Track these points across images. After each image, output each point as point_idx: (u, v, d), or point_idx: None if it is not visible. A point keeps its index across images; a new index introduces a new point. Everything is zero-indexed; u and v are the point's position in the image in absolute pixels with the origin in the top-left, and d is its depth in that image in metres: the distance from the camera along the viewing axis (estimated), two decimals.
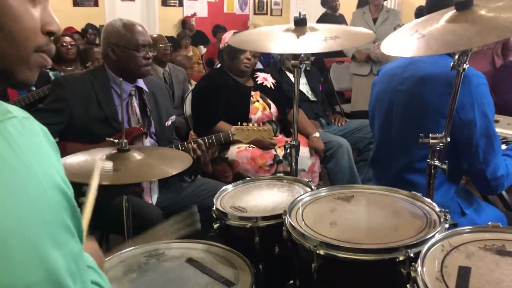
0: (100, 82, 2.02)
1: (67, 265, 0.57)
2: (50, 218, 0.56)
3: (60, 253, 0.56)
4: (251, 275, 1.24)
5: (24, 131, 0.57)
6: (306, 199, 1.43)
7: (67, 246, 0.58)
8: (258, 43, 1.84)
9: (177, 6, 8.75)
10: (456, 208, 1.65)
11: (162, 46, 3.74)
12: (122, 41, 1.99)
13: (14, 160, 0.55)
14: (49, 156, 0.60)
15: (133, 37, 1.99)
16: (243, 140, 2.20)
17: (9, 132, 0.55)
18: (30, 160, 0.56)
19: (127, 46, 1.99)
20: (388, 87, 1.75)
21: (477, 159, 1.55)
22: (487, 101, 1.54)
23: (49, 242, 0.55)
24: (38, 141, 0.59)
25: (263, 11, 10.06)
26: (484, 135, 1.53)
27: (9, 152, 0.54)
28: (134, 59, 1.99)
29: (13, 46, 0.65)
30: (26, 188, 0.55)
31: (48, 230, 0.56)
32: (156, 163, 1.52)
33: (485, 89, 1.55)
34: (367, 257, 1.11)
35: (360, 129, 3.24)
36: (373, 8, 4.48)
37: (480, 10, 1.28)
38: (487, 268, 0.96)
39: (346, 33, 1.85)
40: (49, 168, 0.58)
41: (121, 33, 2.00)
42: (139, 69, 2.01)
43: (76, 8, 7.45)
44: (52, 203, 0.57)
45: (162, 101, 2.18)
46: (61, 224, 0.58)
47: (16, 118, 0.57)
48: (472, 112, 1.51)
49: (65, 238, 0.58)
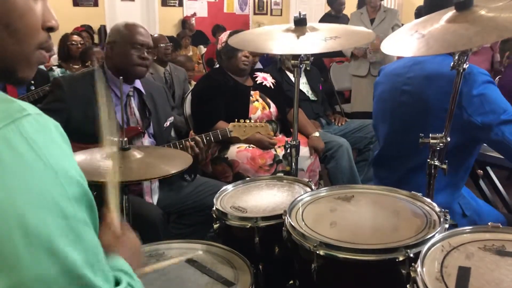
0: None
1: (86, 257, 0.58)
2: (70, 213, 0.58)
3: (79, 246, 0.58)
4: (250, 275, 1.24)
5: (40, 128, 0.58)
6: (306, 199, 1.43)
7: (85, 239, 0.59)
8: (258, 43, 1.84)
9: (177, 6, 8.74)
10: (457, 209, 1.65)
11: (163, 45, 3.74)
12: (120, 38, 2.02)
13: (32, 157, 0.56)
14: (64, 151, 0.61)
15: (130, 34, 2.02)
16: (241, 136, 2.20)
17: (25, 129, 0.56)
18: (47, 156, 0.57)
19: (123, 42, 2.01)
20: (392, 88, 1.75)
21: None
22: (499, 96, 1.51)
23: (67, 237, 0.57)
24: (52, 137, 0.60)
25: (263, 11, 10.05)
26: (502, 124, 1.47)
27: (27, 149, 0.56)
28: (128, 55, 2.00)
29: (19, 43, 0.65)
30: (45, 184, 0.56)
31: (68, 224, 0.57)
32: (156, 162, 1.52)
33: (492, 87, 1.53)
34: (367, 257, 1.11)
35: (360, 129, 3.24)
36: (370, 9, 4.48)
37: (480, 10, 1.28)
38: (487, 268, 0.96)
39: (346, 33, 1.85)
40: (65, 163, 0.59)
41: (120, 30, 2.04)
42: (133, 67, 2.01)
43: (76, 8, 7.45)
44: (70, 198, 0.58)
45: (160, 102, 2.19)
46: (80, 217, 0.59)
47: (31, 115, 0.58)
48: (486, 115, 1.48)
49: (84, 231, 0.59)
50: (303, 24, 1.77)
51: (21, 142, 0.55)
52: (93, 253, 0.60)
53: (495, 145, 1.53)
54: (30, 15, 0.66)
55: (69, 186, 0.58)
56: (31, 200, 0.54)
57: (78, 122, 1.91)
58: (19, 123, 0.56)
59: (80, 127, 1.91)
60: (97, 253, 0.61)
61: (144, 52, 2.02)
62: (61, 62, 3.92)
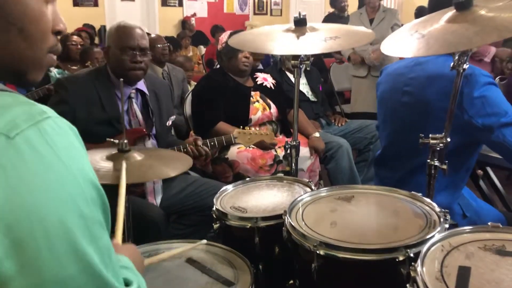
0: (102, 83, 2.02)
1: (101, 257, 0.59)
2: (87, 214, 0.59)
3: (95, 246, 0.59)
4: (250, 275, 1.25)
5: (59, 131, 0.60)
6: (306, 199, 1.43)
7: (101, 240, 0.61)
8: (258, 44, 1.84)
9: (177, 6, 8.74)
10: (458, 210, 1.65)
11: (160, 46, 3.74)
12: (112, 42, 2.01)
13: (53, 159, 0.57)
14: (81, 154, 0.62)
15: (120, 39, 1.99)
16: (245, 143, 2.20)
17: (47, 131, 0.58)
18: (67, 158, 0.58)
19: (115, 47, 2.00)
20: (394, 88, 1.74)
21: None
22: (500, 97, 1.50)
23: (86, 237, 0.58)
24: (71, 140, 0.61)
25: (263, 11, 10.06)
26: (503, 126, 1.47)
27: (49, 151, 0.57)
28: (119, 61, 1.97)
29: (31, 47, 0.66)
30: (66, 185, 0.57)
31: (86, 225, 0.58)
32: (156, 164, 1.52)
33: (494, 88, 1.52)
34: (367, 257, 1.11)
35: (360, 130, 3.24)
36: (370, 9, 4.48)
37: (480, 10, 1.28)
38: (487, 268, 0.96)
39: (346, 33, 1.85)
40: (83, 165, 0.61)
41: (112, 34, 2.02)
42: (124, 72, 1.97)
43: (76, 8, 7.45)
44: (88, 199, 0.60)
45: (164, 100, 2.18)
46: (96, 218, 0.61)
47: (51, 118, 0.60)
48: (488, 117, 1.48)
49: (99, 231, 0.61)
50: (303, 24, 1.77)
51: (43, 144, 0.57)
52: (107, 254, 0.62)
53: (495, 147, 1.53)
54: (43, 19, 0.66)
55: (87, 187, 0.60)
56: (52, 199, 0.56)
57: (82, 122, 1.91)
58: (41, 125, 0.57)
59: (84, 127, 1.91)
60: (110, 254, 0.63)
61: (136, 56, 1.97)
62: (59, 63, 3.91)
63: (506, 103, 1.51)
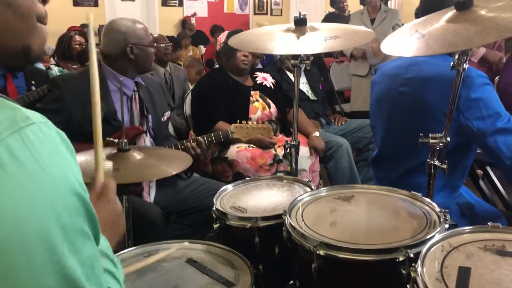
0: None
1: (83, 269, 0.58)
2: (69, 225, 0.57)
3: (77, 258, 0.57)
4: (251, 276, 1.24)
5: (43, 137, 0.58)
6: (306, 199, 1.43)
7: (84, 251, 0.59)
8: (258, 44, 1.83)
9: (177, 6, 8.75)
10: (456, 209, 1.65)
11: (163, 45, 3.74)
12: (141, 40, 2.06)
13: (35, 168, 0.55)
14: (67, 161, 0.60)
15: (147, 34, 2.10)
16: (243, 138, 2.20)
17: (29, 139, 0.56)
18: (50, 166, 0.57)
19: (145, 44, 2.07)
20: (390, 88, 1.74)
21: (503, 155, 1.49)
22: (495, 99, 1.51)
23: (67, 248, 0.56)
24: (56, 147, 0.60)
25: (263, 11, 10.06)
26: (497, 132, 1.48)
27: (30, 159, 0.55)
28: (150, 55, 2.10)
29: (22, 19, 0.65)
30: (47, 195, 0.56)
31: (66, 236, 0.57)
32: (156, 163, 1.52)
33: (490, 89, 1.53)
34: (367, 258, 1.11)
35: (360, 129, 3.24)
36: (371, 9, 4.48)
37: (480, 10, 1.28)
38: (487, 268, 0.96)
39: (346, 32, 1.85)
40: (67, 173, 0.59)
41: (137, 32, 2.06)
42: (151, 64, 2.13)
43: (76, 8, 7.46)
44: (70, 209, 0.58)
45: (156, 96, 2.20)
46: (79, 229, 0.59)
47: (35, 124, 0.58)
48: (483, 120, 1.49)
49: (82, 243, 0.59)
50: (303, 24, 1.77)
51: (24, 152, 0.55)
52: (90, 265, 0.60)
53: (488, 151, 1.53)
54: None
55: (70, 197, 0.58)
56: (31, 209, 0.54)
57: (78, 121, 1.91)
58: (23, 132, 0.56)
59: (80, 126, 1.91)
60: (94, 265, 0.61)
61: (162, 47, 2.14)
62: (60, 61, 3.90)
63: (501, 106, 1.52)
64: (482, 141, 1.51)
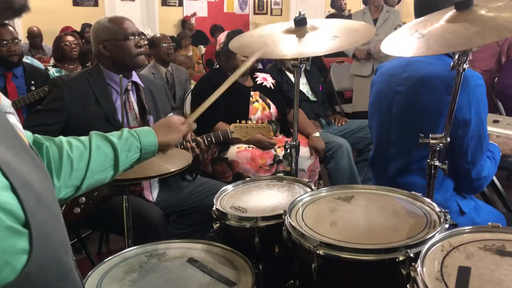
0: (96, 80, 2.04)
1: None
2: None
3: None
4: (252, 276, 1.24)
5: None
6: (306, 199, 1.43)
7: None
8: (258, 48, 1.81)
9: (177, 6, 8.75)
10: (455, 207, 1.65)
11: (166, 45, 3.73)
12: (111, 35, 2.02)
13: None
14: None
15: (120, 28, 2.03)
16: (242, 137, 2.19)
17: None
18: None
19: (117, 38, 2.02)
20: (388, 88, 1.74)
21: (465, 158, 1.56)
22: (483, 102, 1.55)
23: None
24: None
25: (263, 11, 10.06)
26: (475, 136, 1.54)
27: None
28: (126, 49, 2.02)
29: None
30: None
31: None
32: (156, 161, 1.52)
33: (482, 90, 1.55)
34: (367, 257, 1.11)
35: (360, 130, 3.24)
36: (373, 8, 4.47)
37: (480, 10, 1.28)
38: (487, 268, 0.96)
39: (346, 30, 1.83)
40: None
41: (108, 27, 2.03)
42: (132, 58, 2.03)
43: (76, 8, 7.46)
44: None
45: (159, 97, 2.19)
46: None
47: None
48: (469, 112, 1.52)
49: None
50: (303, 24, 1.76)
51: None
52: None
53: (457, 146, 1.57)
54: None
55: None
56: None
57: (79, 119, 1.93)
58: None
59: (81, 124, 1.92)
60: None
61: (139, 40, 2.04)
62: (56, 63, 3.92)
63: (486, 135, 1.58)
64: (460, 132, 1.54)
